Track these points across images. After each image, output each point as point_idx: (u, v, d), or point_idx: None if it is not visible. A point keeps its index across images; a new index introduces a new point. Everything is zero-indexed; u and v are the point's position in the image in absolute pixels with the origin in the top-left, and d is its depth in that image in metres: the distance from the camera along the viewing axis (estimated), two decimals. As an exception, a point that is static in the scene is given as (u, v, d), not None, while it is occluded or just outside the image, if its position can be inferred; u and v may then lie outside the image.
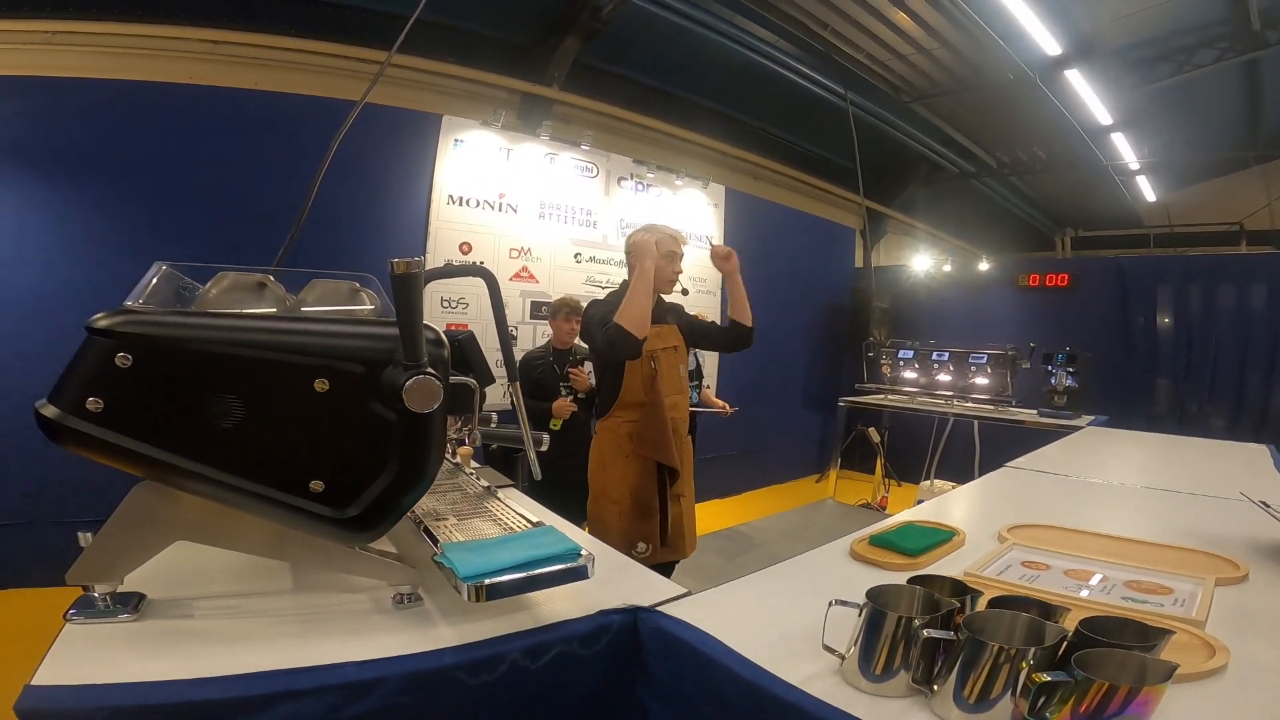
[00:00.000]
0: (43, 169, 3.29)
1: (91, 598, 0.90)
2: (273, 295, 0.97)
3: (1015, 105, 5.85)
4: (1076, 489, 2.10)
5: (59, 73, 3.30)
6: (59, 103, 3.28)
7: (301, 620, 0.97)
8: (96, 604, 0.90)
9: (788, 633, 0.99)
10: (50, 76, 3.28)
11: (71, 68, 3.32)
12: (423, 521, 1.23)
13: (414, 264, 0.79)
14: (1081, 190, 7.98)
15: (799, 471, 7.04)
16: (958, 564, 1.30)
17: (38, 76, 3.26)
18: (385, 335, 0.90)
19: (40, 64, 3.27)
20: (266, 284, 0.96)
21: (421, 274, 0.81)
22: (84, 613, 0.89)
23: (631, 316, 2.02)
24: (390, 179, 4.17)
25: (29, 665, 0.80)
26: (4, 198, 3.22)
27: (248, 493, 0.87)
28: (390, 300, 0.87)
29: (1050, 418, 4.60)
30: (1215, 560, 1.30)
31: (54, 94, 3.27)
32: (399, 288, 0.80)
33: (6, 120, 3.19)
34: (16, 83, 3.22)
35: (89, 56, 3.37)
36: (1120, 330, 6.16)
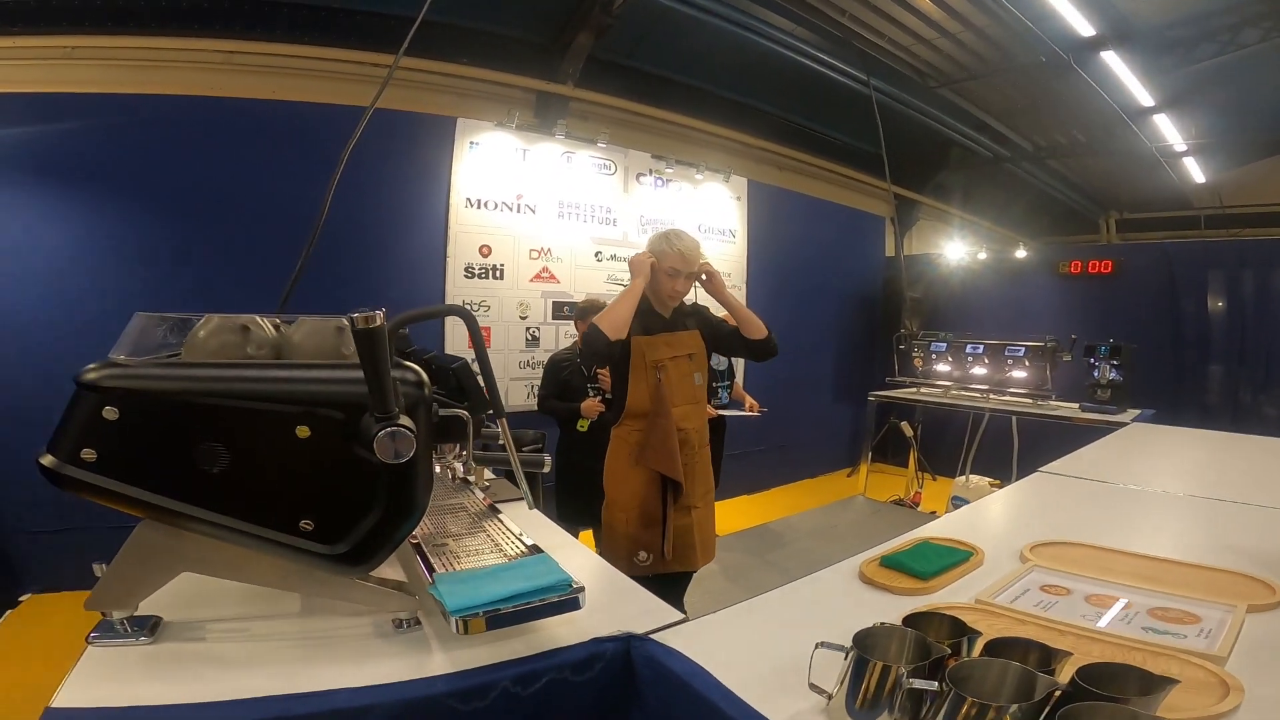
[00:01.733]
0: (67, 184, 3.38)
1: (110, 622, 0.96)
2: (257, 338, 0.98)
3: (1049, 88, 5.59)
4: (1114, 498, 2.00)
5: (79, 88, 3.38)
6: (80, 118, 3.37)
7: (306, 644, 1.01)
8: (115, 628, 0.96)
9: (781, 665, 0.97)
10: (71, 92, 3.37)
11: (91, 82, 3.41)
12: (421, 547, 1.23)
13: (373, 318, 0.79)
14: (1125, 172, 7.61)
15: (829, 466, 6.93)
16: (972, 587, 1.24)
17: (59, 93, 3.35)
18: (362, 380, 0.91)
19: (60, 79, 3.36)
20: (250, 327, 0.97)
21: (383, 328, 0.81)
22: (104, 636, 0.95)
23: (608, 318, 2.04)
24: (408, 184, 4.20)
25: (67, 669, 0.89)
26: (29, 213, 3.33)
27: (241, 532, 0.90)
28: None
29: (1093, 413, 4.40)
30: (1251, 584, 1.22)
31: (75, 109, 3.36)
32: (361, 342, 0.80)
33: (30, 137, 3.29)
34: (38, 99, 3.32)
35: (107, 70, 3.45)
36: (1169, 319, 5.86)
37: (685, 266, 2.17)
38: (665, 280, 2.17)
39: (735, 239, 5.86)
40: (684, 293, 2.24)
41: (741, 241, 5.91)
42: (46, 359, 3.24)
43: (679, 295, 2.23)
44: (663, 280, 2.18)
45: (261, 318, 1.00)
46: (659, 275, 2.18)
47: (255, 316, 1.00)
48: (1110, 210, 9.25)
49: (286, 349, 1.00)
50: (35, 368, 3.22)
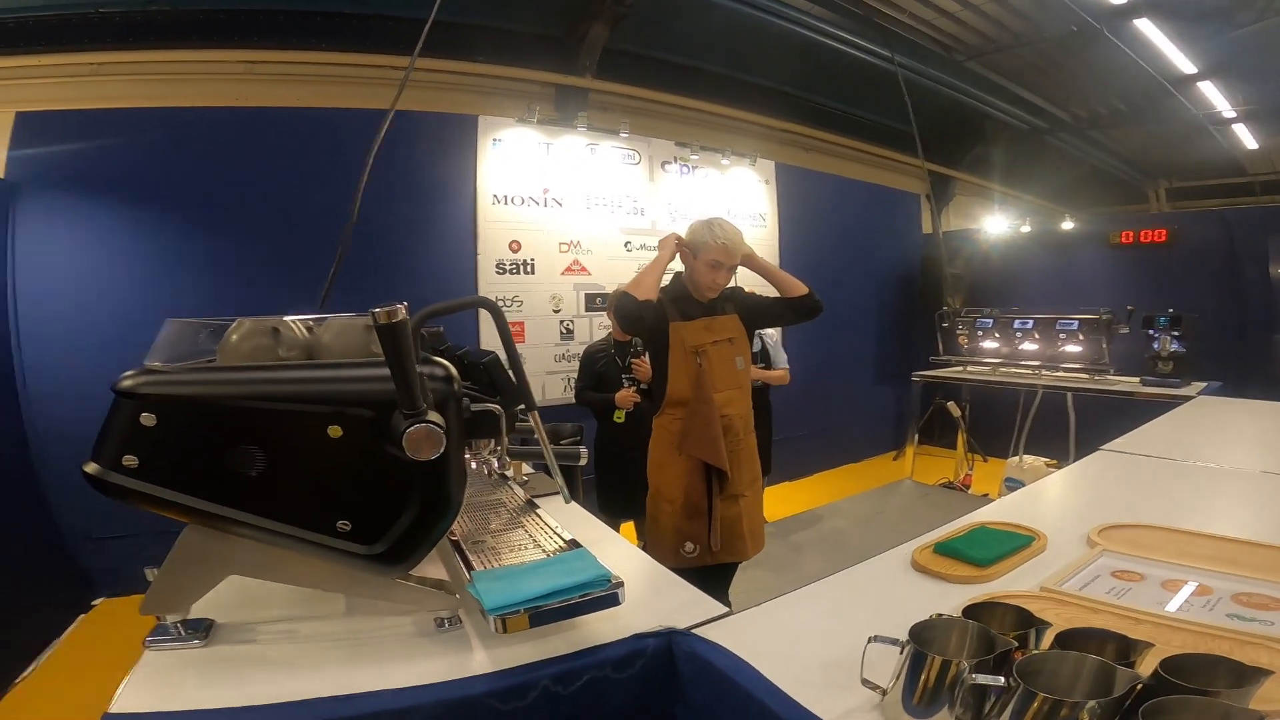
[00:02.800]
0: (101, 199, 3.48)
1: (165, 626, 0.99)
2: (288, 339, 0.98)
3: (1083, 58, 5.33)
4: (1184, 476, 1.87)
5: (107, 104, 3.47)
6: (110, 134, 3.46)
7: (350, 644, 1.02)
8: (170, 631, 0.99)
9: (830, 660, 0.93)
10: (99, 109, 3.46)
11: (118, 98, 3.50)
12: (460, 544, 1.22)
13: (395, 312, 0.78)
14: (1173, 141, 7.23)
15: (874, 449, 6.78)
16: (1035, 574, 1.17)
17: (88, 109, 3.44)
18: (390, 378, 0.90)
19: (88, 96, 3.45)
20: (281, 329, 0.97)
21: (406, 322, 0.79)
22: (160, 639, 0.99)
23: (635, 283, 2.08)
24: (434, 184, 4.23)
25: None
26: (68, 228, 3.43)
27: (281, 534, 0.91)
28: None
29: (1155, 386, 4.18)
30: (1347, 565, 1.11)
31: (105, 125, 3.46)
32: (384, 337, 0.79)
33: (65, 155, 3.39)
34: (70, 116, 3.42)
35: (133, 85, 3.53)
36: (1230, 287, 5.54)
37: (728, 259, 2.11)
38: (707, 272, 2.11)
39: (766, 223, 5.76)
40: (725, 284, 2.18)
41: (773, 225, 5.80)
42: (91, 366, 3.37)
43: (719, 287, 2.16)
44: (703, 272, 2.11)
45: (292, 319, 1.00)
46: (700, 267, 2.12)
47: (285, 318, 0.99)
48: (1159, 179, 8.82)
49: (317, 350, 0.99)
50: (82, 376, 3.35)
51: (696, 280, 2.14)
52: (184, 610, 1.00)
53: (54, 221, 3.40)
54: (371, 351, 0.96)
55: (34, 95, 3.37)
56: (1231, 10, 4.55)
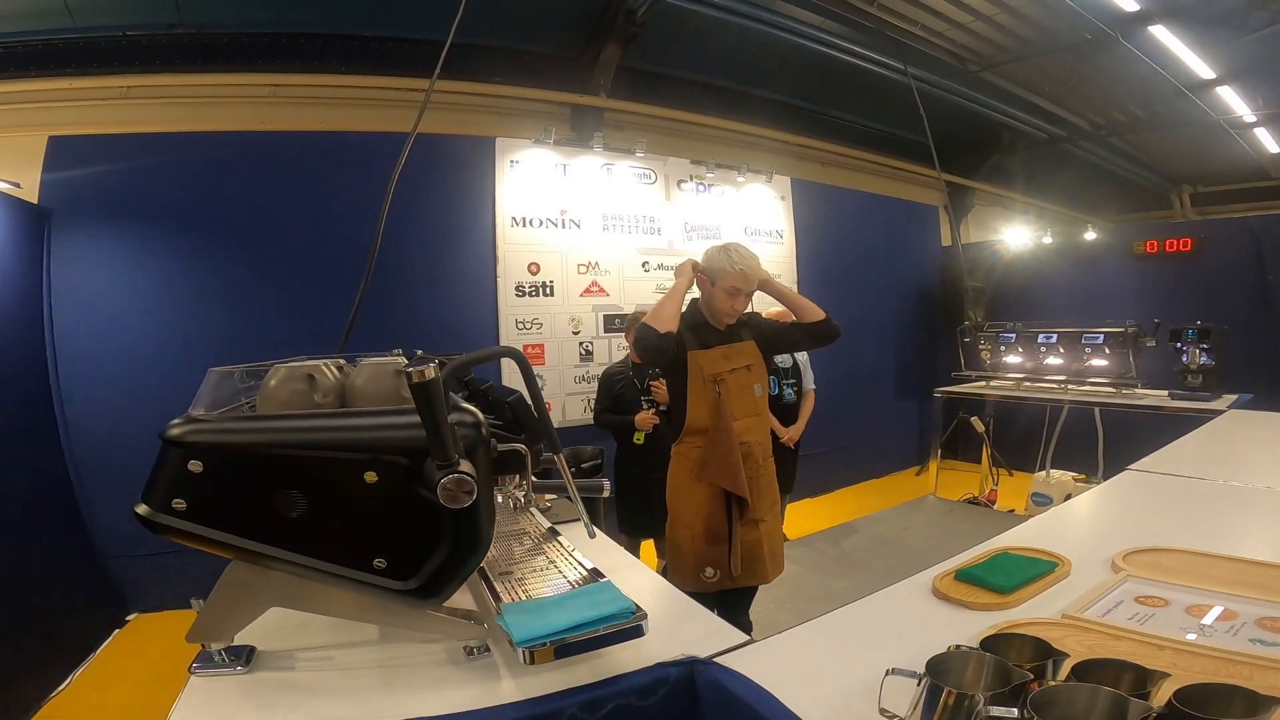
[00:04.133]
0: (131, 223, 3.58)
1: (209, 653, 1.04)
2: (323, 385, 1.04)
3: (1098, 65, 5.29)
4: (1213, 496, 1.84)
5: (137, 128, 3.59)
6: (140, 158, 3.57)
7: (384, 672, 1.07)
8: (214, 658, 1.04)
9: (850, 689, 0.94)
10: (130, 133, 3.58)
11: (147, 121, 3.62)
12: (486, 573, 1.25)
13: (427, 371, 0.83)
14: (1194, 146, 7.11)
15: (897, 465, 6.70)
16: (1058, 601, 1.17)
17: (119, 134, 3.56)
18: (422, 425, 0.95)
19: (119, 119, 3.57)
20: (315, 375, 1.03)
21: (438, 380, 0.84)
22: (205, 666, 1.03)
23: (655, 315, 2.09)
24: (454, 207, 4.29)
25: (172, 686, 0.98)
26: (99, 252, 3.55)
27: (321, 571, 0.96)
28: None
29: (1184, 400, 4.10)
30: (1376, 591, 1.10)
31: (135, 150, 3.57)
32: (418, 396, 0.84)
33: (96, 178, 3.50)
34: (101, 141, 3.53)
35: (162, 108, 3.66)
36: (1259, 296, 5.42)
37: (746, 285, 2.12)
38: (724, 299, 2.12)
39: (783, 239, 5.77)
40: (743, 310, 2.19)
41: (789, 242, 5.81)
42: (126, 387, 3.48)
43: (737, 313, 2.17)
44: (721, 299, 2.12)
45: (325, 364, 1.05)
46: (717, 294, 2.13)
47: (320, 364, 1.04)
48: (1183, 185, 8.67)
49: (350, 394, 1.04)
50: (117, 397, 3.46)
51: (715, 307, 2.16)
52: (228, 638, 1.05)
53: (87, 245, 3.51)
54: (402, 396, 1.01)
55: (66, 119, 3.49)
56: (1245, 13, 4.51)
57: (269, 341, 3.68)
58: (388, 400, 1.06)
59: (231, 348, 3.64)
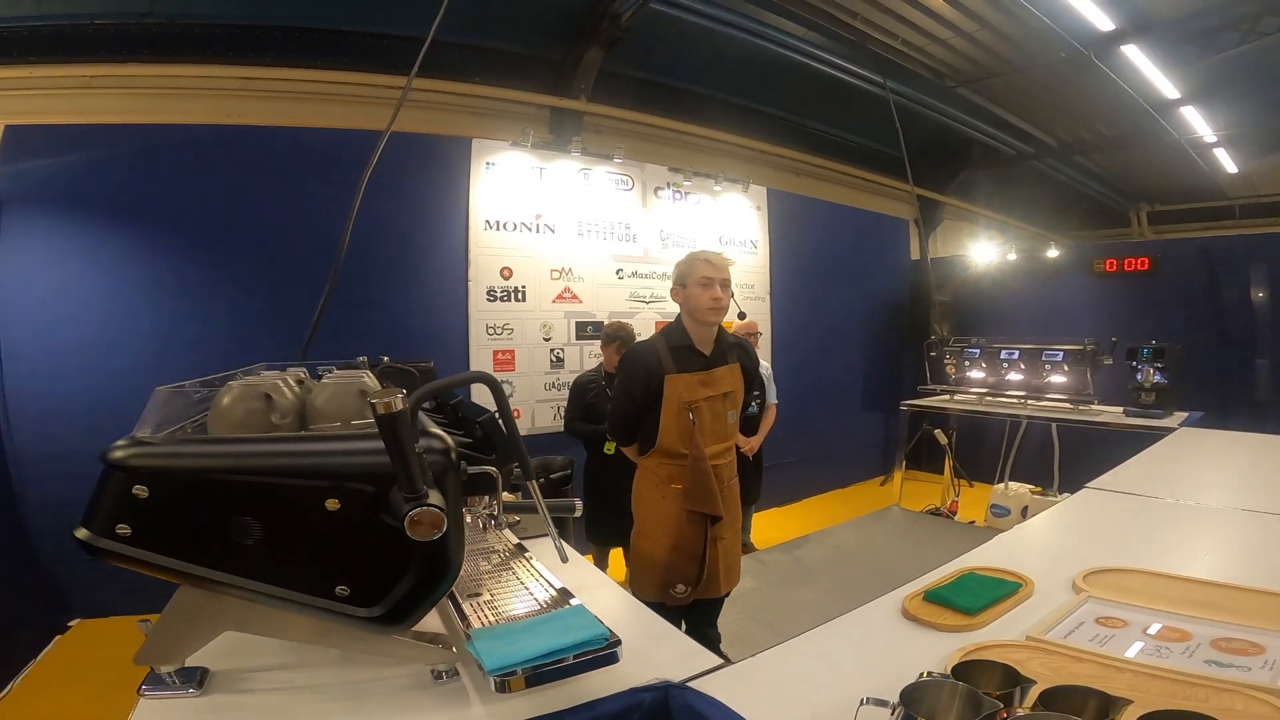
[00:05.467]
0: (89, 216, 3.44)
1: (160, 675, 0.99)
2: (281, 405, 0.99)
3: (1071, 83, 5.46)
4: (1167, 515, 1.91)
5: (98, 118, 3.44)
6: (101, 149, 3.42)
7: (348, 696, 1.03)
8: (165, 680, 0.98)
9: (823, 713, 0.95)
10: (91, 124, 3.42)
11: (109, 112, 3.47)
12: (454, 595, 1.22)
13: (393, 403, 0.79)
14: (1155, 165, 7.39)
15: (862, 475, 6.81)
16: (1022, 622, 1.19)
17: (79, 124, 3.40)
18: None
19: (79, 110, 3.41)
20: (273, 395, 0.98)
21: (405, 411, 0.80)
22: (155, 688, 0.98)
23: (615, 434, 2.24)
24: (426, 208, 4.22)
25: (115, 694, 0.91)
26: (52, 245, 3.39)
27: (278, 598, 0.92)
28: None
29: (1138, 418, 4.25)
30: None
31: (96, 140, 3.42)
32: (384, 427, 0.80)
33: (54, 169, 3.34)
34: (60, 131, 3.37)
35: (125, 99, 3.51)
36: (1212, 316, 5.65)
37: (717, 272, 2.08)
38: (703, 293, 2.06)
39: (757, 249, 5.82)
40: (725, 302, 2.10)
41: (764, 251, 5.86)
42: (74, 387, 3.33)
43: (720, 306, 2.09)
44: (700, 295, 2.06)
45: (284, 380, 1.00)
46: (694, 293, 2.07)
47: (278, 380, 1.00)
48: (1141, 203, 9.00)
49: (310, 414, 0.99)
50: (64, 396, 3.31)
51: (696, 306, 2.08)
52: (179, 661, 1.00)
53: (40, 238, 3.36)
54: (366, 416, 0.97)
55: (24, 108, 3.34)
56: (1215, 33, 4.68)
57: (230, 344, 3.56)
58: (350, 420, 1.01)
59: (191, 349, 3.51)
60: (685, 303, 2.13)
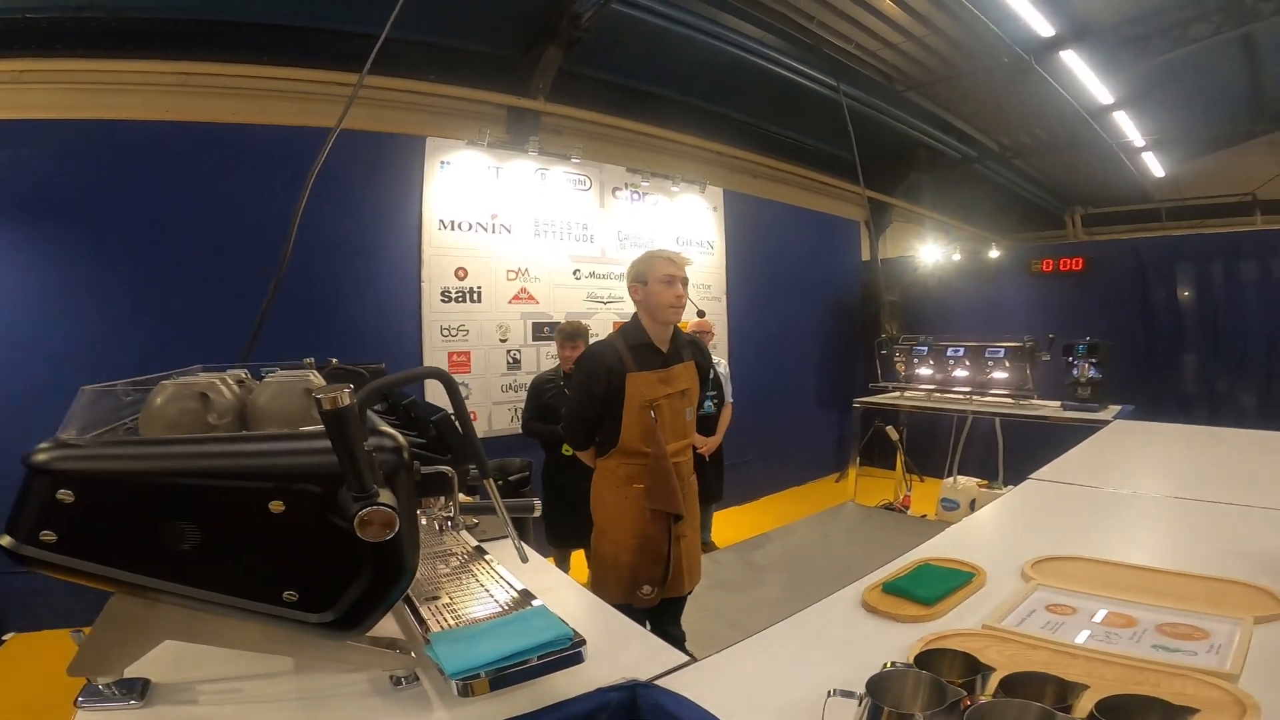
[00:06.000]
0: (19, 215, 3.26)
1: (97, 686, 0.93)
2: (219, 405, 0.93)
3: (1012, 88, 5.70)
4: (1106, 504, 1.99)
5: (30, 114, 3.26)
6: (32, 145, 3.26)
7: (302, 706, 0.98)
8: (103, 691, 0.92)
9: (790, 707, 0.95)
10: (22, 119, 3.25)
11: (42, 108, 3.29)
12: (411, 598, 1.18)
13: (340, 398, 0.75)
14: (1088, 169, 7.78)
15: (818, 471, 6.94)
16: (978, 611, 1.22)
17: (9, 120, 3.23)
18: None
19: (10, 104, 3.24)
20: (210, 394, 0.91)
21: (353, 407, 0.76)
22: (92, 700, 0.92)
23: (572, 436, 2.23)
24: (378, 207, 4.11)
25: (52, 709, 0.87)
26: None
27: (221, 604, 0.87)
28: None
29: (1075, 410, 4.45)
30: (1253, 593, 1.21)
31: (26, 136, 3.25)
32: (330, 424, 0.76)
33: None
34: None
35: (59, 94, 3.33)
36: (1141, 313, 5.98)
37: (678, 269, 2.12)
38: (665, 290, 2.09)
39: (714, 250, 5.87)
40: (684, 300, 2.14)
41: (720, 252, 5.92)
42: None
43: (681, 304, 2.13)
44: (662, 292, 2.09)
45: (222, 379, 0.94)
46: (656, 290, 2.09)
47: (215, 379, 0.94)
48: (1075, 206, 9.45)
49: (251, 414, 0.94)
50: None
51: (658, 304, 2.11)
52: (116, 673, 0.94)
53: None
54: (313, 416, 0.93)
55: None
56: (1149, 38, 4.94)
57: (168, 346, 3.39)
58: (295, 422, 0.96)
59: (124, 350, 3.33)
60: (646, 300, 2.14)
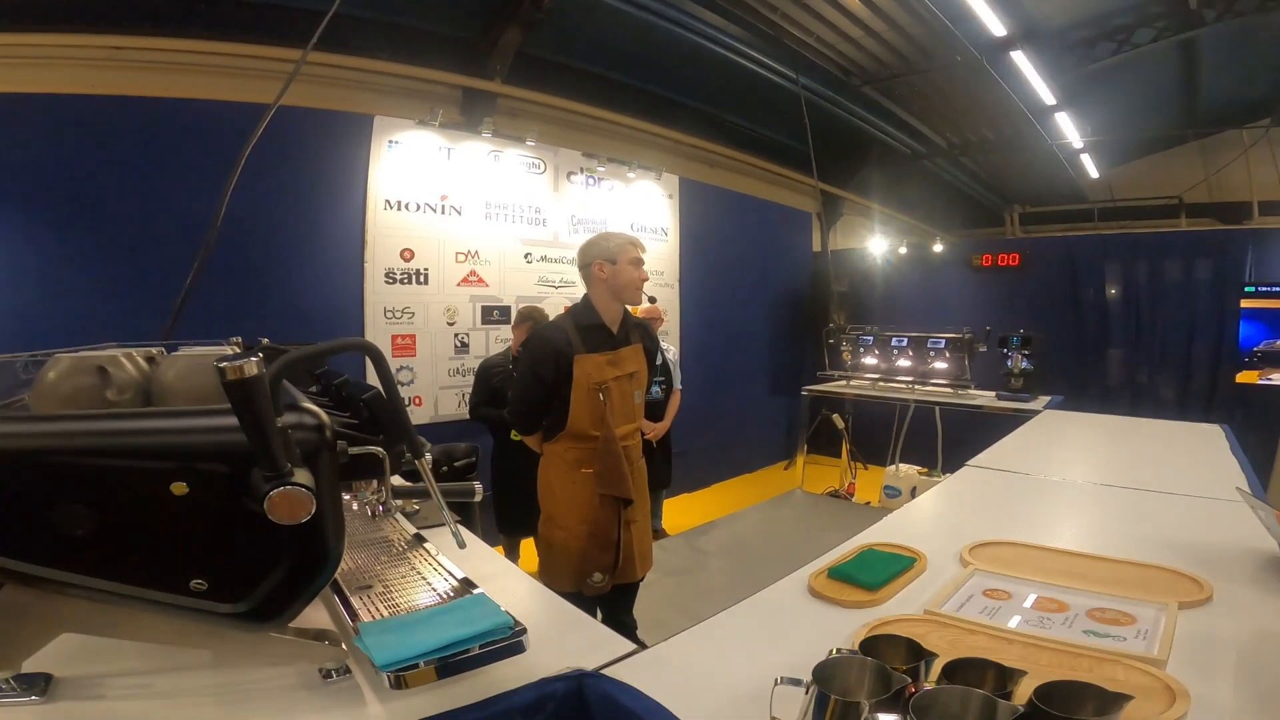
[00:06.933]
0: None
1: None
2: (119, 380, 0.84)
3: (963, 87, 5.85)
4: (1037, 490, 2.07)
5: None
6: None
7: (221, 701, 0.92)
8: (0, 688, 0.86)
9: (739, 695, 0.95)
10: None
11: None
12: (341, 588, 1.12)
13: (244, 368, 0.68)
14: (1028, 169, 8.08)
15: (767, 459, 7.05)
16: (919, 596, 1.24)
17: None
18: None
19: None
20: (109, 368, 0.83)
21: (262, 378, 0.69)
22: None
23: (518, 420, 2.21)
24: (320, 186, 3.92)
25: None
26: None
27: (121, 594, 0.79)
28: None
29: (1008, 400, 4.64)
30: (1177, 579, 1.26)
31: None
32: (234, 396, 0.69)
33: None
34: None
35: None
36: (1071, 308, 6.28)
37: (643, 250, 2.20)
38: (632, 270, 2.13)
39: (668, 237, 5.85)
40: (645, 279, 2.21)
41: (674, 239, 5.91)
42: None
43: (643, 282, 2.19)
44: (630, 271, 2.12)
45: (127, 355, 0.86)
46: (624, 269, 2.11)
47: (118, 354, 0.85)
48: (1014, 204, 9.82)
49: (157, 391, 0.86)
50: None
51: (626, 283, 2.13)
52: (14, 668, 0.86)
53: None
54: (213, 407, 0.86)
55: None
56: (1092, 43, 5.14)
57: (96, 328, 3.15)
58: (207, 400, 0.89)
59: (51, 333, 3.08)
60: (612, 279, 2.13)
